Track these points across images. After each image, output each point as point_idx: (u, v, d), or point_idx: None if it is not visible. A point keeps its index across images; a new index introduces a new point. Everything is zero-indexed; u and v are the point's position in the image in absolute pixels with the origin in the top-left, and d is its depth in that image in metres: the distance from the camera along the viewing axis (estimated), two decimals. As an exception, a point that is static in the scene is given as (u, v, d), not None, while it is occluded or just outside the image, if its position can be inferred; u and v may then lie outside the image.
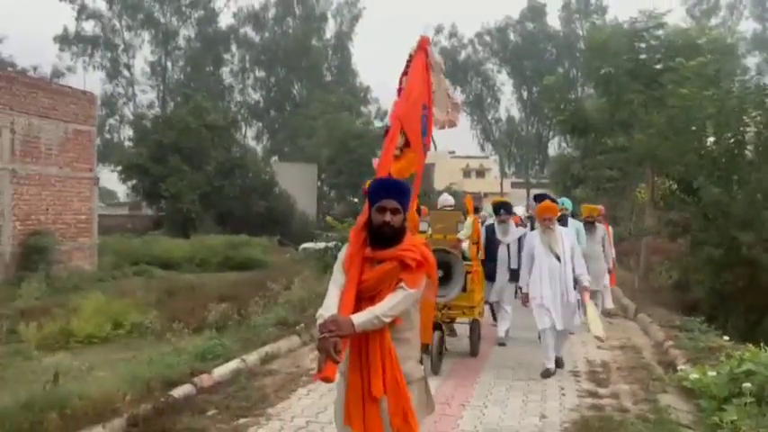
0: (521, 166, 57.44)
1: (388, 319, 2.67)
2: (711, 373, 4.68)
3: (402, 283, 2.73)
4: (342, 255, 2.92)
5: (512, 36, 58.29)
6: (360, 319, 2.62)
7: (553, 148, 53.45)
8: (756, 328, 8.18)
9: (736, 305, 8.96)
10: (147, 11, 52.71)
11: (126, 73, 53.67)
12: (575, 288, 6.19)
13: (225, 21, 56.29)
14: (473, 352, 7.07)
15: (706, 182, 8.96)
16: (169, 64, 54.83)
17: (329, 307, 2.72)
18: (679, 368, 5.63)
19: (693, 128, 9.61)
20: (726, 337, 6.45)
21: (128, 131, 53.32)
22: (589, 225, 9.00)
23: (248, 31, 56.56)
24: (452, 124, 4.37)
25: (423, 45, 3.85)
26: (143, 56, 54.18)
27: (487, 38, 59.17)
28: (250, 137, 55.59)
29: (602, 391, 5.38)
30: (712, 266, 9.22)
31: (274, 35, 56.04)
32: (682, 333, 7.07)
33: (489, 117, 59.79)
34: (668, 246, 12.81)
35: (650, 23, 12.95)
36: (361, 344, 2.70)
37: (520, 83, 57.82)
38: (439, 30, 58.88)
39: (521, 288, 6.62)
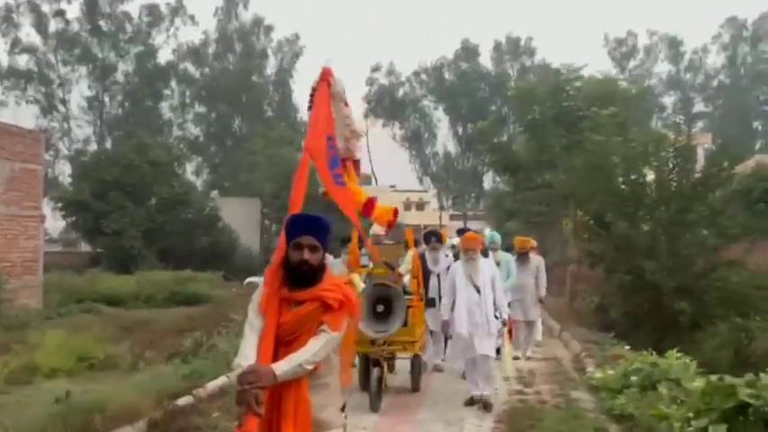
0: (458, 199, 59.51)
1: (311, 366, 2.55)
2: (610, 372, 5.94)
3: (324, 326, 2.60)
4: (257, 296, 2.75)
5: (447, 75, 60.81)
6: (282, 368, 2.48)
7: (488, 182, 55.82)
8: (661, 343, 9.48)
9: (644, 324, 10.37)
10: (84, 46, 52.39)
11: (61, 108, 52.90)
12: (496, 318, 6.21)
13: (164, 56, 56.52)
14: (414, 387, 6.95)
15: (615, 218, 10.44)
16: (107, 99, 54.40)
17: (247, 355, 2.56)
18: (588, 371, 6.90)
19: (605, 170, 11.10)
20: (627, 347, 7.76)
21: (63, 167, 52.50)
22: (522, 257, 9.21)
23: (188, 66, 56.94)
24: (349, 152, 4.22)
25: (325, 76, 3.83)
26: (79, 91, 53.67)
27: (424, 76, 61.51)
28: (189, 171, 55.53)
29: (527, 390, 6.56)
30: (623, 291, 10.67)
31: (214, 71, 56.59)
32: (595, 346, 8.36)
33: (427, 152, 61.89)
34: (591, 273, 14.30)
35: (570, 75, 14.65)
36: (273, 392, 2.53)
37: (455, 119, 60.24)
38: (377, 68, 60.97)
39: (440, 314, 6.63)
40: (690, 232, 10.37)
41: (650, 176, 10.99)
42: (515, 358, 7.84)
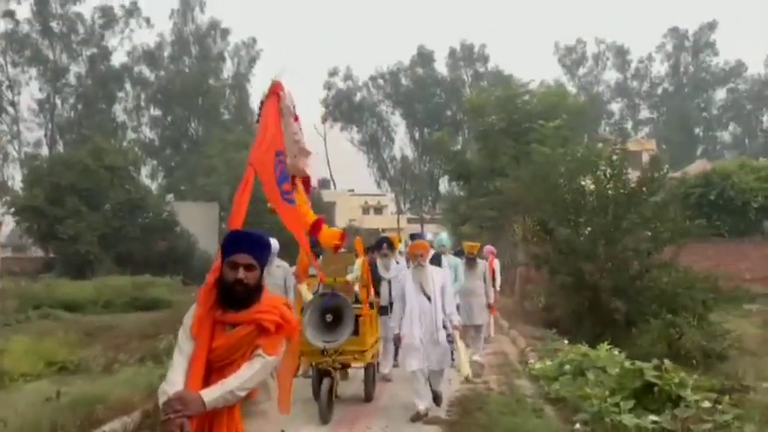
0: (415, 202, 60.54)
1: (243, 393, 2.42)
2: (548, 363, 6.77)
3: (259, 350, 2.46)
4: (188, 318, 2.59)
5: (403, 80, 61.82)
6: (211, 395, 2.34)
7: (444, 186, 56.97)
8: (600, 339, 10.37)
9: (585, 321, 11.30)
10: (35, 47, 51.34)
11: (11, 110, 51.70)
12: (444, 327, 6.05)
13: (118, 59, 55.81)
14: (367, 397, 6.85)
15: (557, 225, 11.37)
16: (58, 101, 53.41)
17: (174, 382, 2.41)
18: (530, 363, 7.72)
19: (549, 180, 12.02)
20: (566, 342, 8.62)
21: (12, 171, 51.33)
22: (470, 261, 9.24)
23: (143, 69, 56.37)
24: (297, 170, 4.14)
25: (275, 89, 3.73)
26: (29, 93, 52.53)
27: (381, 81, 62.41)
28: (144, 175, 54.92)
29: (477, 380, 7.30)
30: (565, 291, 11.60)
31: (170, 74, 56.13)
32: (539, 342, 9.22)
33: (385, 156, 62.77)
34: (539, 275, 15.25)
35: (519, 90, 15.62)
36: (204, 420, 2.40)
37: (412, 124, 61.33)
38: (335, 72, 61.56)
39: (391, 326, 6.51)
40: (625, 238, 11.36)
41: (591, 186, 11.96)
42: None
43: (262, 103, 3.76)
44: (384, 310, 7.32)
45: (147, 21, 54.89)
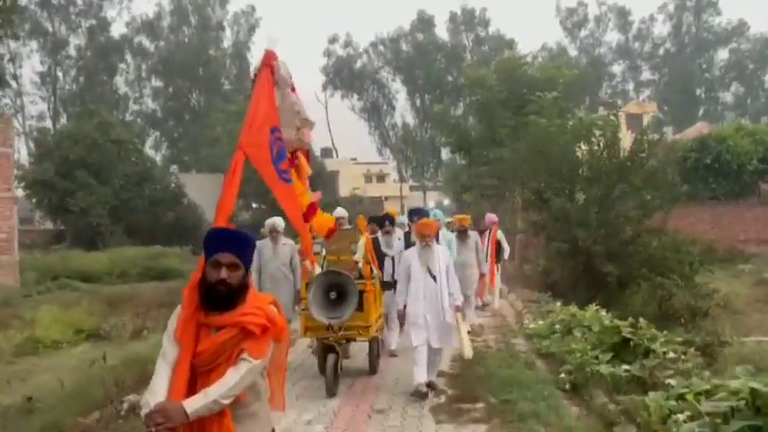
0: (417, 169, 60.96)
1: (228, 401, 2.35)
2: (541, 323, 7.51)
3: (245, 354, 2.39)
4: (173, 321, 2.52)
5: (404, 46, 61.59)
6: (194, 405, 2.29)
7: (446, 153, 57.41)
8: (593, 300, 11.10)
9: (579, 284, 12.03)
10: (35, 20, 51.29)
11: (13, 83, 51.94)
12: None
13: (118, 30, 55.75)
14: (372, 370, 7.01)
15: (553, 194, 12.02)
16: (60, 74, 53.59)
17: (156, 391, 2.36)
18: (525, 323, 8.47)
19: (545, 152, 12.61)
20: (558, 304, 9.36)
21: (17, 144, 51.75)
22: (462, 234, 9.43)
23: (143, 40, 56.37)
24: (302, 143, 4.01)
25: (268, 61, 3.53)
26: (31, 66, 52.73)
27: (381, 47, 62.20)
28: (148, 146, 55.37)
29: (477, 339, 8.06)
30: (561, 257, 12.30)
31: (170, 44, 56.14)
32: (535, 304, 9.96)
33: (386, 123, 62.97)
34: (538, 241, 15.93)
35: (517, 63, 16.07)
36: (195, 425, 2.35)
37: (413, 90, 61.28)
38: (335, 39, 61.38)
39: (395, 302, 6.55)
40: (617, 205, 12.00)
41: (585, 155, 12.55)
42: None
43: (255, 75, 3.54)
44: (388, 286, 7.48)
45: (146, -11, 54.60)
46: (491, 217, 11.44)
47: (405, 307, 6.26)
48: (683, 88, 64.54)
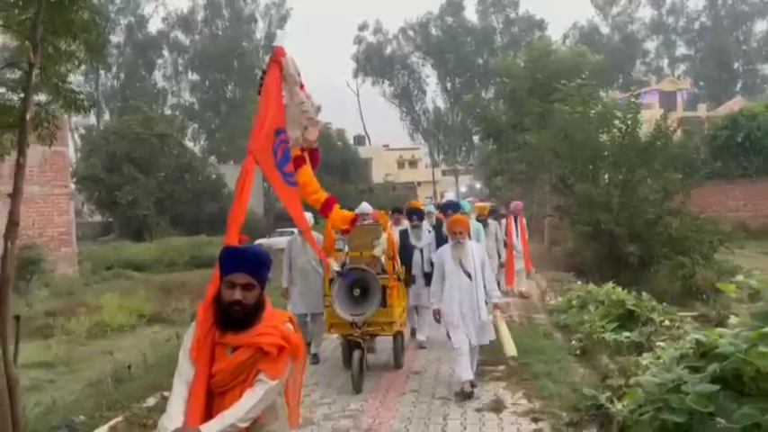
0: (449, 153, 61.35)
1: (246, 424, 2.35)
2: (560, 299, 8.33)
3: (262, 375, 2.38)
4: (188, 339, 2.50)
5: (433, 30, 61.71)
6: (211, 429, 2.28)
7: (477, 137, 57.67)
8: (617, 280, 11.75)
9: (603, 264, 12.71)
10: (76, 19, 53.06)
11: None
12: (486, 304, 5.95)
13: (154, 26, 57.38)
14: (397, 365, 7.00)
15: (576, 180, 12.70)
16: (102, 71, 55.48)
17: (173, 416, 2.33)
18: (547, 299, 9.29)
19: (569, 139, 13.25)
20: (579, 282, 10.11)
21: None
22: (482, 223, 9.53)
23: (179, 34, 57.90)
24: (309, 143, 3.98)
25: (276, 57, 3.50)
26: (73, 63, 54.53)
27: (411, 32, 62.39)
28: (186, 138, 57.01)
29: (502, 315, 8.86)
30: (585, 239, 13.00)
31: (204, 38, 57.55)
32: (558, 283, 10.74)
33: (417, 108, 63.41)
34: (564, 224, 16.57)
35: (545, 50, 16.64)
36: None
37: (443, 74, 61.46)
38: (364, 27, 61.90)
39: (430, 301, 6.35)
40: (639, 189, 12.61)
41: (607, 141, 13.14)
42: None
43: (263, 72, 3.48)
44: (413, 280, 7.50)
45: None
46: (517, 205, 11.69)
47: (439, 307, 6.02)
48: (720, 62, 63.30)
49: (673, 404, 2.91)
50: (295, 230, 10.33)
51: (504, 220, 11.14)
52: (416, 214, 7.97)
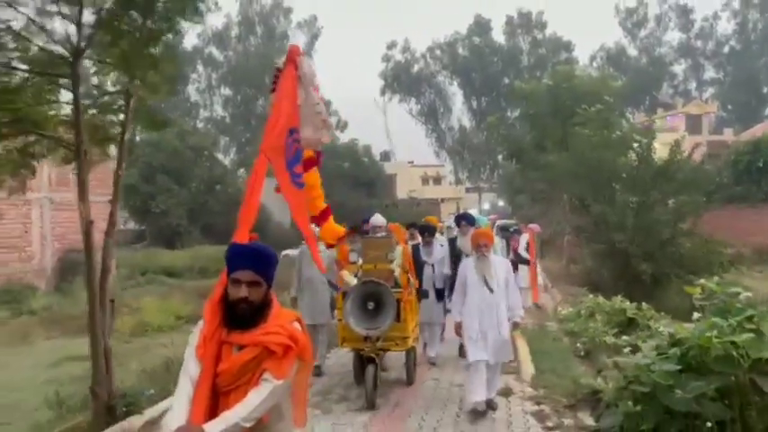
0: (473, 171, 61.97)
1: (250, 423, 2.31)
2: (571, 310, 9.07)
3: (267, 374, 2.35)
4: (194, 337, 2.48)
5: (460, 50, 62.73)
6: (215, 428, 2.24)
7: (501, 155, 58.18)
8: (630, 295, 12.38)
9: (616, 282, 13.33)
10: (115, 34, 55.04)
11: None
12: (508, 320, 5.77)
13: (190, 42, 59.24)
14: (409, 381, 6.87)
15: (592, 201, 13.40)
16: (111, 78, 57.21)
17: (177, 414, 2.31)
18: (559, 310, 10.01)
19: (587, 162, 13.92)
20: (591, 296, 10.78)
21: (101, 150, 55.69)
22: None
23: (213, 50, 59.72)
24: (319, 143, 3.92)
25: (291, 56, 3.43)
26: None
27: (438, 52, 63.48)
28: (218, 151, 58.55)
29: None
30: (600, 257, 13.66)
31: (238, 54, 59.24)
32: (572, 297, 11.43)
33: (442, 126, 64.30)
34: (582, 242, 17.20)
35: (565, 78, 17.38)
36: None
37: (470, 93, 62.36)
38: (392, 45, 63.17)
39: (449, 312, 6.37)
40: (653, 210, 13.24)
41: (624, 163, 13.82)
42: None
43: (278, 71, 3.45)
44: (425, 294, 7.41)
45: (216, 3, 57.73)
46: (535, 227, 12.24)
47: (460, 320, 5.91)
48: (749, 87, 63.13)
49: (642, 379, 3.65)
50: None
51: (519, 236, 11.82)
52: (428, 230, 7.94)
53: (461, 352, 6.50)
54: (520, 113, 21.45)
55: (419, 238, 8.17)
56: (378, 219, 7.80)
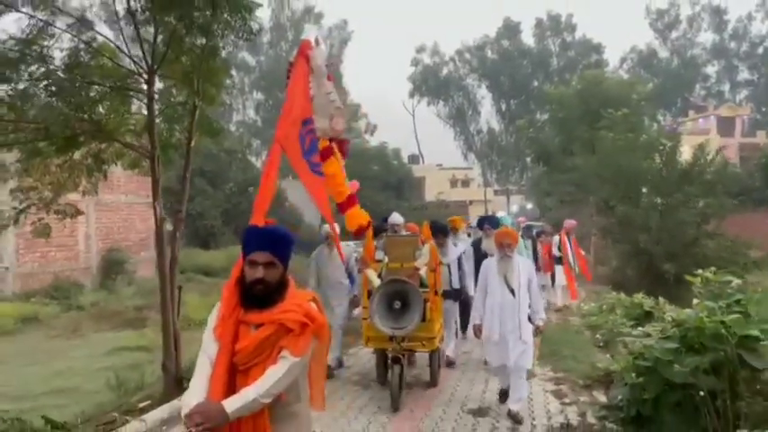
0: (501, 173, 62.13)
1: (268, 400, 2.31)
2: (593, 305, 9.57)
3: (285, 352, 2.37)
4: (212, 318, 2.55)
5: (489, 53, 62.91)
6: (234, 404, 2.25)
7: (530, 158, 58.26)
8: (653, 294, 12.76)
9: (641, 281, 13.70)
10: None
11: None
12: (530, 321, 5.63)
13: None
14: (433, 382, 6.75)
15: (618, 202, 13.81)
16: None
17: (196, 392, 2.34)
18: (582, 306, 10.51)
19: (611, 166, 14.33)
20: (614, 293, 11.21)
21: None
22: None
23: (246, 55, 60.98)
24: (336, 132, 3.86)
25: (303, 50, 3.41)
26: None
27: (467, 55, 63.73)
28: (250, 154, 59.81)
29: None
30: (625, 257, 14.05)
31: (269, 59, 60.38)
32: (595, 294, 11.89)
33: (471, 129, 64.56)
34: (608, 243, 17.56)
35: (593, 82, 17.78)
36: (230, 426, 2.30)
37: (498, 96, 62.48)
38: (422, 48, 63.69)
39: (472, 315, 6.04)
40: (678, 212, 13.58)
41: (649, 166, 14.19)
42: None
43: (291, 64, 3.43)
44: (445, 295, 7.29)
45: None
46: (571, 222, 12.31)
47: (480, 322, 5.82)
48: (784, 87, 62.09)
49: (646, 356, 4.19)
50: (351, 243, 11.17)
51: (545, 237, 12.25)
52: (441, 231, 7.72)
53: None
54: (549, 117, 21.87)
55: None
56: (396, 217, 7.81)
